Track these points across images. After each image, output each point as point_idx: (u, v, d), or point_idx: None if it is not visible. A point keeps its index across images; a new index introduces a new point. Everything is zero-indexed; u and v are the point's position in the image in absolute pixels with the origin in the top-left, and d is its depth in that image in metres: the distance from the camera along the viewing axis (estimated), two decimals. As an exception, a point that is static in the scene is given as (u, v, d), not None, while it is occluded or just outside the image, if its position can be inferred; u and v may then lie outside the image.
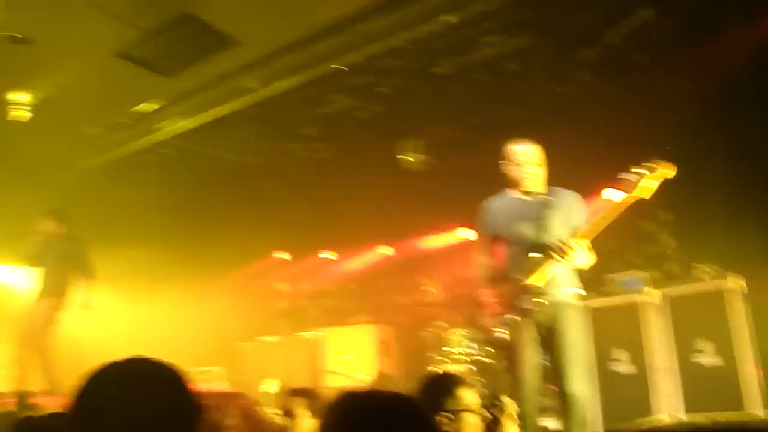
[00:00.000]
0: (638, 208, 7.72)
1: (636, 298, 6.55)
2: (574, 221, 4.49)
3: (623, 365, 6.40)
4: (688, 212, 7.38)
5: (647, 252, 7.96)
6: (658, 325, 6.30)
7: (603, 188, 5.75)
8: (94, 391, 1.60)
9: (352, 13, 6.24)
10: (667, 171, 4.18)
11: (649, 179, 4.19)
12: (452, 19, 6.12)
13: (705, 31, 6.40)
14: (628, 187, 4.25)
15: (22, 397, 5.35)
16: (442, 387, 3.05)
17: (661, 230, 7.85)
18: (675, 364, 6.12)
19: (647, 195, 4.21)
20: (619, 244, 8.03)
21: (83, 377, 1.60)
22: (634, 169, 4.27)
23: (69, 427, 1.57)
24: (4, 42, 6.36)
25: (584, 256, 4.37)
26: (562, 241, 4.31)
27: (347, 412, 1.45)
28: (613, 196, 4.35)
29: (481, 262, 4.82)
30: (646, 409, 6.04)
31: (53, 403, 5.32)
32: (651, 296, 6.44)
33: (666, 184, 7.37)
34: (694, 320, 6.15)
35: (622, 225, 7.83)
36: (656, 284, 6.76)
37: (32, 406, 5.30)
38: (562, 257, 4.27)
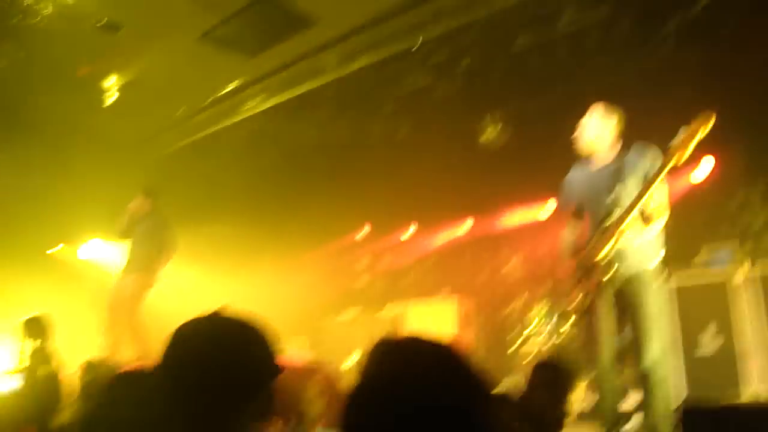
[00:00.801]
0: (730, 177, 7.53)
1: (725, 272, 6.30)
2: (649, 180, 4.24)
3: (711, 342, 6.18)
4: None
5: (739, 223, 7.68)
6: (748, 300, 6.05)
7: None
8: (177, 343, 1.68)
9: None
10: (703, 123, 3.98)
11: (686, 136, 4.00)
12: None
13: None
14: (670, 148, 4.07)
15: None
16: (566, 381, 3.01)
17: (755, 201, 7.56)
18: (766, 342, 5.86)
19: (679, 161, 4.01)
20: (709, 215, 7.78)
21: (171, 332, 1.68)
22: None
23: (156, 378, 1.66)
24: (93, 29, 6.58)
25: (650, 224, 4.22)
26: (613, 223, 4.21)
27: (382, 357, 1.45)
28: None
29: (564, 236, 4.78)
30: (734, 387, 5.84)
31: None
32: (741, 271, 6.17)
33: (759, 152, 7.11)
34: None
35: (713, 196, 7.68)
36: (747, 257, 6.49)
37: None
38: (616, 237, 4.17)
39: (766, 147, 7.13)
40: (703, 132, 3.97)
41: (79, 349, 7.87)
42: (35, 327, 6.38)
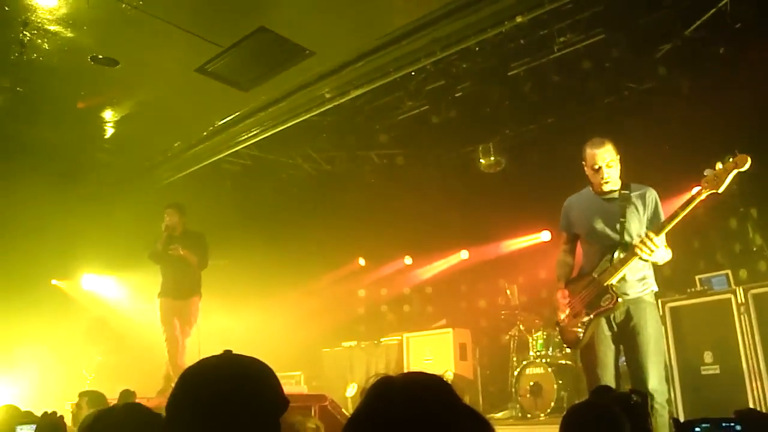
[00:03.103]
0: (724, 204, 7.60)
1: (721, 296, 6.35)
2: (650, 217, 4.45)
3: (709, 366, 6.20)
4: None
5: (733, 250, 7.73)
6: (743, 324, 6.08)
7: (681, 183, 5.61)
8: (187, 382, 1.70)
9: (422, 20, 6.28)
10: (740, 163, 4.05)
11: (721, 173, 4.08)
12: (523, 20, 6.09)
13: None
14: (703, 182, 4.15)
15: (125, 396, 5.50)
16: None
17: (748, 227, 7.61)
18: (762, 366, 5.88)
19: (719, 189, 4.09)
20: (704, 243, 7.84)
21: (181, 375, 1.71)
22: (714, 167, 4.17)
23: (168, 415, 1.67)
24: (89, 63, 6.65)
25: (662, 253, 4.30)
26: (641, 238, 4.26)
27: (376, 395, 1.48)
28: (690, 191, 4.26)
29: (562, 261, 4.80)
30: (731, 411, 5.81)
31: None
32: (736, 295, 6.21)
33: (752, 179, 7.18)
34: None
35: (708, 223, 7.74)
36: (741, 282, 6.56)
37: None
38: (641, 253, 4.22)
39: (759, 174, 7.19)
40: (736, 172, 4.05)
41: (77, 379, 7.84)
42: None
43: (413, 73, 7.34)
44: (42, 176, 8.09)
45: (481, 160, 9.02)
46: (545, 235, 9.56)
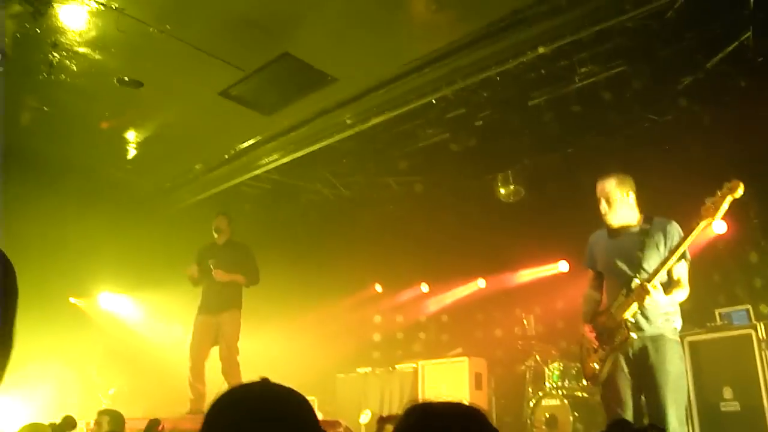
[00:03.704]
0: (745, 238, 7.54)
1: (741, 332, 6.27)
2: (672, 251, 4.38)
3: (729, 402, 6.11)
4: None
5: (753, 284, 7.65)
6: (764, 360, 5.99)
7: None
8: (221, 412, 1.68)
9: (444, 49, 6.35)
10: (734, 189, 4.04)
11: (717, 200, 4.06)
12: (545, 51, 6.12)
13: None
14: (702, 210, 4.14)
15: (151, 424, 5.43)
16: None
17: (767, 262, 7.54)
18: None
19: (715, 216, 4.07)
20: (725, 277, 7.77)
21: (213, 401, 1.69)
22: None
23: None
24: (115, 84, 6.76)
25: (659, 296, 4.23)
26: (640, 284, 4.24)
27: (412, 421, 1.49)
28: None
29: (587, 297, 4.81)
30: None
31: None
32: (757, 330, 6.13)
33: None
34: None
35: (729, 257, 7.67)
36: (762, 318, 6.48)
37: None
38: (641, 298, 4.20)
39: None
40: (731, 199, 4.03)
41: (92, 399, 7.84)
42: None
43: (434, 101, 7.37)
44: (63, 194, 8.19)
45: (500, 189, 9.02)
46: (563, 266, 9.51)
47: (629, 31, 6.30)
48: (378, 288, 11.44)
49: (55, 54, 6.24)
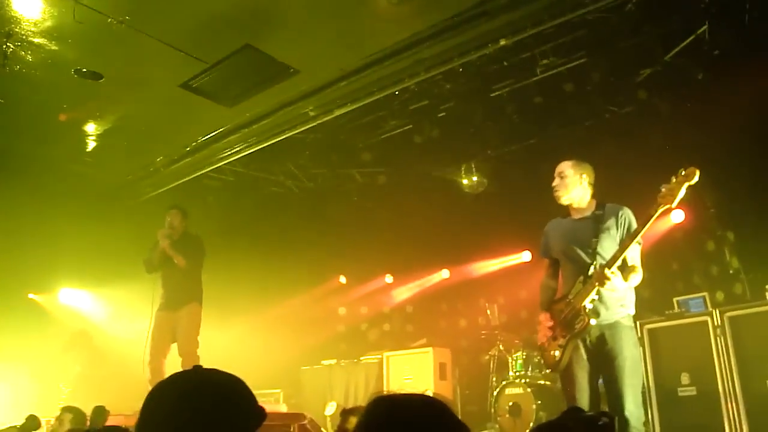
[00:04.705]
0: (702, 227, 7.70)
1: (698, 319, 6.41)
2: (624, 237, 4.47)
3: (686, 387, 6.25)
4: (750, 231, 7.24)
5: (710, 272, 7.83)
6: (719, 346, 6.14)
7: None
8: (154, 399, 1.67)
9: (406, 41, 6.33)
10: (690, 176, 4.12)
11: (674, 187, 4.14)
12: (507, 43, 6.16)
13: (761, 42, 6.28)
14: (658, 197, 4.21)
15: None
16: None
17: (725, 250, 7.71)
18: (738, 388, 5.93)
19: (673, 203, 4.15)
20: (683, 265, 7.93)
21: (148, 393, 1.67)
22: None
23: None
24: (73, 76, 6.63)
25: (618, 283, 4.30)
26: (598, 269, 4.31)
27: (377, 413, 1.50)
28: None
29: (543, 285, 4.88)
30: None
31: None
32: (713, 317, 6.28)
33: (729, 203, 7.29)
34: (757, 342, 5.97)
35: (686, 246, 7.83)
36: (718, 305, 6.63)
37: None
38: (601, 284, 4.27)
39: (735, 197, 7.32)
40: (687, 185, 4.11)
41: (52, 395, 7.72)
42: None
43: (397, 93, 7.39)
44: (21, 188, 8.02)
45: (463, 180, 9.08)
46: (526, 256, 9.62)
47: (589, 24, 6.39)
48: (342, 280, 11.44)
49: (10, 44, 6.07)
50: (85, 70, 6.59)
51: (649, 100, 7.25)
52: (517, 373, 7.78)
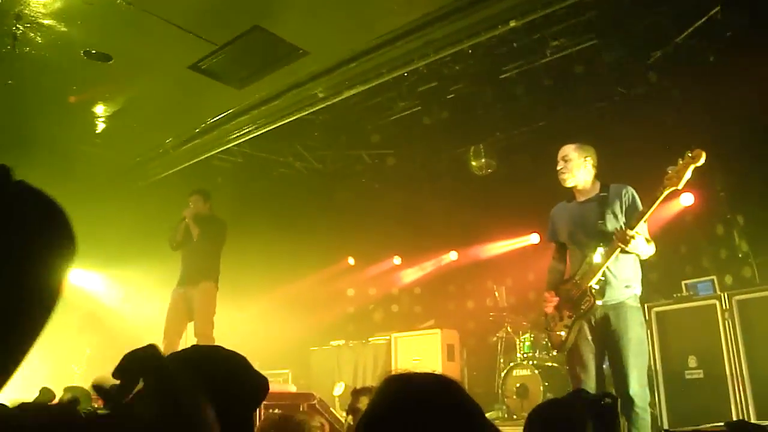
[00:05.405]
0: (711, 211, 7.67)
1: (706, 302, 6.42)
2: (628, 214, 4.50)
3: (693, 370, 6.26)
4: (759, 215, 7.22)
5: (719, 256, 7.81)
6: (727, 330, 6.14)
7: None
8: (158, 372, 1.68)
9: (416, 22, 6.30)
10: (697, 158, 4.12)
11: (680, 169, 4.14)
12: (517, 24, 6.12)
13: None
14: (665, 179, 4.21)
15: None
16: None
17: (734, 234, 7.69)
18: (745, 371, 5.94)
19: (679, 184, 4.16)
20: (691, 248, 7.91)
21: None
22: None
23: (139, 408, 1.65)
24: (82, 57, 6.63)
25: (642, 244, 4.33)
26: (618, 230, 4.31)
27: (390, 392, 1.52)
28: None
29: (551, 268, 4.91)
30: (714, 415, 5.89)
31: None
32: (721, 301, 6.28)
33: (739, 186, 7.26)
34: (766, 326, 5.98)
35: (695, 229, 7.81)
36: (727, 288, 6.63)
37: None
38: (625, 243, 4.25)
39: (745, 181, 7.28)
40: (694, 167, 4.10)
41: (63, 376, 7.79)
42: None
43: (406, 75, 7.37)
44: (30, 170, 7.84)
45: (472, 162, 9.06)
46: (534, 238, 9.61)
47: (600, 5, 6.34)
48: (351, 261, 11.47)
49: (19, 26, 6.07)
50: (94, 51, 6.58)
51: (660, 83, 7.20)
52: (525, 355, 7.81)
